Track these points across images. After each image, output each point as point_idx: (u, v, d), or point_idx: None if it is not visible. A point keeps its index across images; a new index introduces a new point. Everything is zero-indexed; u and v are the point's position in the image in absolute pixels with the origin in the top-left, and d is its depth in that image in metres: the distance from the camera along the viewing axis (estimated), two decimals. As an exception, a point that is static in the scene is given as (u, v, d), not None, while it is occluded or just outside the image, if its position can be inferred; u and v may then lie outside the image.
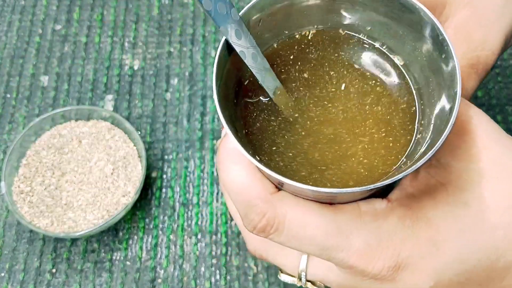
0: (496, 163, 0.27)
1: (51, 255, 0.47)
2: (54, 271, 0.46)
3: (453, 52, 0.26)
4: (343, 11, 0.30)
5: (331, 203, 0.27)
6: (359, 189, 0.24)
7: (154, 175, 0.50)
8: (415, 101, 0.29)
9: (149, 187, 0.50)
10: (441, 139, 0.24)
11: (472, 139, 0.27)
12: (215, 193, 0.49)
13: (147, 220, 0.48)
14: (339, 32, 0.31)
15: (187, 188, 0.50)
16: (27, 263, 0.47)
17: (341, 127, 0.29)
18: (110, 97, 0.54)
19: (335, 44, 0.31)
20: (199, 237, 0.48)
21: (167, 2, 0.60)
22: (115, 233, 0.48)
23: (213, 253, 0.47)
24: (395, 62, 0.30)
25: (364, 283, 0.27)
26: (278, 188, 0.28)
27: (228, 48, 0.27)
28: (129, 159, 0.49)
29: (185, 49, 0.57)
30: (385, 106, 0.29)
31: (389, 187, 0.26)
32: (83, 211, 0.46)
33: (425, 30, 0.27)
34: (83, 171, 0.48)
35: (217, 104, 0.25)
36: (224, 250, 0.47)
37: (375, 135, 0.29)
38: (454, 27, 0.32)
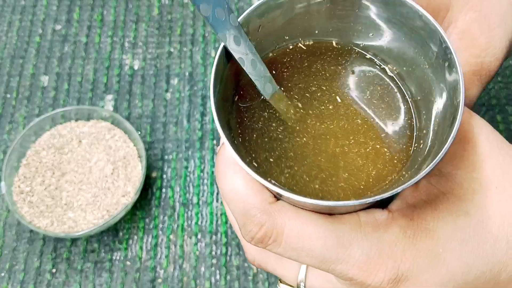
0: (498, 172, 0.26)
1: (51, 255, 0.47)
2: (54, 271, 0.46)
3: (457, 60, 0.25)
4: (344, 17, 0.29)
5: (331, 214, 0.27)
6: (358, 202, 0.23)
7: (154, 175, 0.50)
8: (413, 111, 0.29)
9: (149, 187, 0.50)
10: (443, 150, 0.23)
11: (473, 148, 0.27)
12: (215, 193, 0.49)
13: (147, 220, 0.48)
14: (337, 42, 0.31)
15: (187, 188, 0.50)
16: (27, 263, 0.47)
17: (339, 137, 0.29)
18: (110, 97, 0.54)
19: (333, 54, 0.31)
20: (199, 237, 0.48)
21: (167, 2, 0.60)
22: (115, 233, 0.48)
23: (213, 253, 0.47)
24: (391, 72, 0.30)
25: None
26: (276, 198, 0.28)
27: (226, 54, 0.27)
28: (129, 159, 0.49)
29: (185, 49, 0.57)
30: (383, 116, 0.29)
31: (389, 197, 0.25)
32: (83, 211, 0.46)
33: (428, 37, 0.27)
34: (83, 171, 0.48)
35: (215, 114, 0.25)
36: (224, 250, 0.47)
37: (373, 146, 0.28)
38: (457, 32, 0.32)
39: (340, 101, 0.30)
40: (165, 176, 0.50)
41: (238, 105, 0.29)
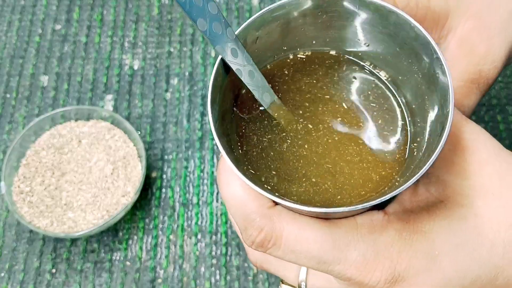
0: (495, 178, 0.27)
1: (51, 255, 0.47)
2: (54, 271, 0.46)
3: (447, 71, 0.25)
4: (340, 28, 0.30)
5: (328, 219, 0.28)
6: (347, 209, 0.24)
7: (154, 175, 0.50)
8: (408, 119, 0.30)
9: (149, 187, 0.50)
10: (431, 159, 0.24)
11: (471, 156, 0.27)
12: (215, 193, 0.49)
13: (147, 220, 0.48)
14: (334, 53, 0.31)
15: (187, 188, 0.50)
16: (27, 263, 0.47)
17: (337, 145, 0.29)
18: (110, 97, 0.54)
19: (331, 63, 0.31)
20: (199, 237, 0.47)
21: (167, 2, 0.60)
22: (115, 233, 0.48)
23: (213, 253, 0.47)
24: (387, 81, 0.30)
25: None
26: (275, 203, 0.28)
27: (224, 66, 0.27)
28: (129, 159, 0.49)
29: (185, 49, 0.57)
30: (380, 124, 0.30)
31: (386, 201, 0.26)
32: (83, 211, 0.46)
33: (420, 48, 0.27)
34: (83, 171, 0.48)
35: (212, 126, 0.26)
36: (224, 250, 0.47)
37: (370, 153, 0.29)
38: (456, 40, 0.32)
39: (338, 110, 0.30)
40: (165, 176, 0.50)
41: (237, 115, 0.30)
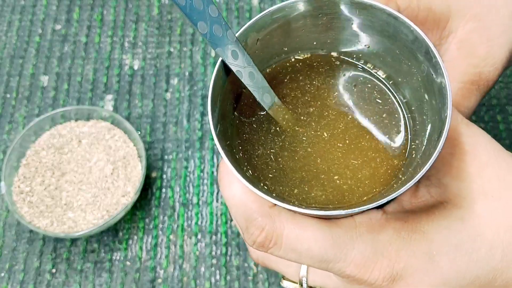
0: (494, 180, 0.27)
1: (51, 255, 0.47)
2: (54, 271, 0.46)
3: (445, 75, 0.25)
4: (340, 30, 0.30)
5: (327, 218, 0.28)
6: (344, 212, 0.24)
7: (154, 175, 0.50)
8: (408, 122, 0.30)
9: (149, 187, 0.50)
10: (427, 164, 0.24)
11: (471, 158, 0.27)
12: (215, 193, 0.49)
13: (147, 220, 0.48)
14: (335, 55, 0.31)
15: (187, 188, 0.50)
16: (27, 263, 0.47)
17: (338, 147, 0.29)
18: (110, 97, 0.54)
19: (330, 67, 0.31)
20: (199, 237, 0.48)
21: (167, 2, 0.60)
22: (115, 233, 0.48)
23: (213, 253, 0.47)
24: (388, 83, 0.31)
25: None
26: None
27: (225, 67, 0.27)
28: (129, 159, 0.49)
29: (185, 49, 0.57)
30: (378, 127, 0.30)
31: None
32: (83, 211, 0.46)
33: (419, 51, 0.27)
34: (83, 171, 0.48)
35: (213, 128, 0.26)
36: (224, 250, 0.47)
37: (370, 156, 0.29)
38: (457, 41, 0.32)
39: (338, 111, 0.30)
40: (165, 176, 0.50)
41: (237, 117, 0.30)
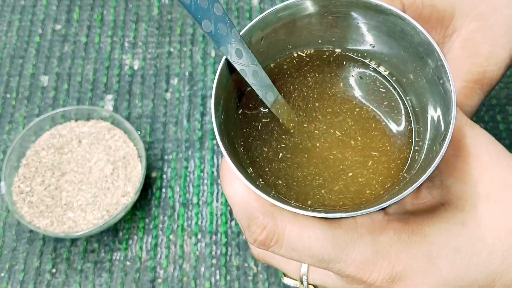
0: (496, 183, 0.27)
1: (51, 255, 0.47)
2: (54, 271, 0.46)
3: (451, 78, 0.25)
4: (345, 28, 0.30)
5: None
6: (345, 214, 0.24)
7: (154, 175, 0.50)
8: (413, 122, 0.30)
9: (149, 187, 0.50)
10: (431, 168, 0.24)
11: (474, 161, 0.27)
12: (215, 193, 0.49)
13: (147, 220, 0.48)
14: (339, 51, 0.31)
15: (187, 188, 0.50)
16: (27, 263, 0.47)
17: (340, 145, 0.29)
18: (110, 97, 0.54)
19: (335, 64, 0.31)
20: (199, 237, 0.48)
21: (167, 2, 0.60)
22: (115, 233, 0.48)
23: (213, 253, 0.47)
24: (393, 82, 0.30)
25: None
26: None
27: (228, 66, 0.27)
28: (129, 159, 0.49)
29: (185, 49, 0.57)
30: (382, 128, 0.30)
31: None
32: (83, 211, 0.46)
33: (425, 53, 0.27)
34: (83, 171, 0.48)
35: (215, 127, 0.25)
36: (224, 250, 0.47)
37: (373, 157, 0.29)
38: (460, 40, 0.32)
39: (342, 109, 0.30)
40: (165, 176, 0.50)
41: (240, 116, 0.30)
